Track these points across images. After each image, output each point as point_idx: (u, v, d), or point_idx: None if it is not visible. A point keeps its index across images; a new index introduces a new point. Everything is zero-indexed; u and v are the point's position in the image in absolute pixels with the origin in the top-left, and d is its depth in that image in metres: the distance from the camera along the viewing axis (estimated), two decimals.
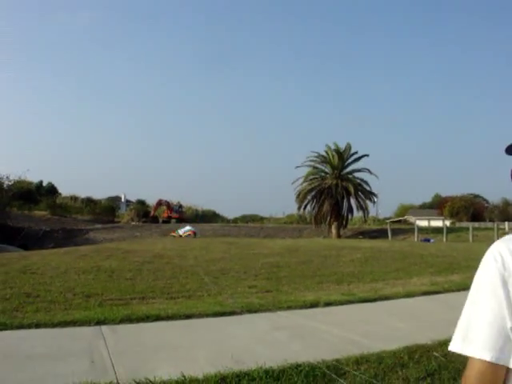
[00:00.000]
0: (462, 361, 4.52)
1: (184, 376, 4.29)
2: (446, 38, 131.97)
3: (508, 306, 1.18)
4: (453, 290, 10.21)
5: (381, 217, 70.03)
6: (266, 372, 4.46)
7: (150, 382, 4.16)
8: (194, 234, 34.65)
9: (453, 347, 1.24)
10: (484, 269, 1.25)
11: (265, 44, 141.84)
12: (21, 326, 6.31)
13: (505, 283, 1.20)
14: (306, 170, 43.49)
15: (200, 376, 4.34)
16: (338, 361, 4.86)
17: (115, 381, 4.28)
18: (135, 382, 4.15)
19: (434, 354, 5.14)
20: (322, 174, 43.21)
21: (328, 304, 8.43)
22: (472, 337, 1.21)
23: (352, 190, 40.08)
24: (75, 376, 4.35)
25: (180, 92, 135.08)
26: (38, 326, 6.39)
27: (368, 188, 42.06)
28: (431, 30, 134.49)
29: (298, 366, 4.65)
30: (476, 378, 1.19)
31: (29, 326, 6.34)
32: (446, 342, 5.67)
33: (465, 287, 10.50)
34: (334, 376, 4.44)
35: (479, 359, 1.18)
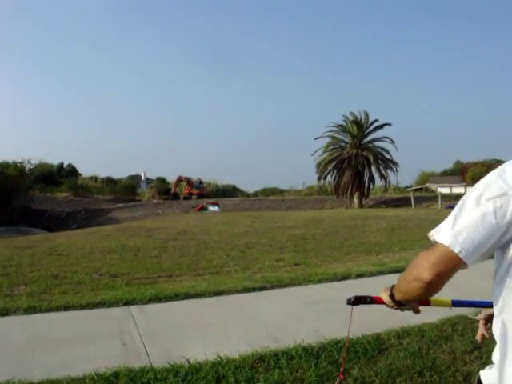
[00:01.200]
0: None
1: (220, 357, 4.12)
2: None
3: (496, 218, 1.29)
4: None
5: (401, 185, 69.25)
6: (305, 349, 4.27)
7: (186, 364, 3.99)
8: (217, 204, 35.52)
9: (433, 235, 1.39)
10: (488, 177, 1.37)
11: (283, 14, 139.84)
12: (49, 309, 6.19)
13: (502, 196, 1.30)
14: (325, 141, 43.09)
15: (236, 356, 4.16)
16: (378, 335, 4.65)
17: (149, 364, 4.13)
18: (170, 364, 3.99)
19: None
20: (342, 143, 42.72)
21: (359, 276, 8.22)
22: (456, 230, 1.32)
23: (372, 159, 39.58)
24: (107, 360, 4.20)
25: (196, 66, 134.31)
26: (66, 308, 6.27)
27: (389, 157, 41.51)
28: None
29: (337, 342, 4.45)
30: (438, 259, 1.34)
31: (57, 309, 6.22)
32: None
33: None
34: (376, 352, 4.23)
35: (451, 249, 1.32)
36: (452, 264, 1.35)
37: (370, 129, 42.05)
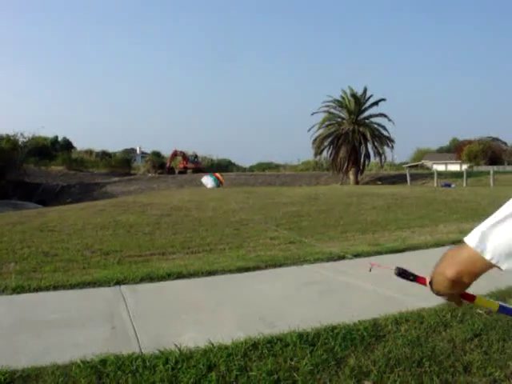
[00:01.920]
0: (509, 319, 4.07)
1: (212, 343, 3.97)
2: None
3: None
4: None
5: (397, 162, 69.27)
6: (300, 336, 4.12)
7: (176, 351, 3.85)
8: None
9: (468, 240, 1.30)
10: None
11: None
12: (38, 289, 6.03)
13: None
14: (321, 116, 42.68)
15: (229, 342, 4.02)
16: (375, 321, 4.51)
17: (138, 349, 3.98)
18: (160, 351, 3.84)
19: (478, 311, 4.76)
20: (339, 119, 42.37)
21: (356, 256, 8.07)
22: (488, 237, 1.25)
23: (369, 135, 39.31)
24: (96, 345, 4.06)
25: (195, 44, 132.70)
26: (55, 287, 6.11)
27: (385, 133, 41.23)
28: None
29: (333, 328, 4.30)
30: (462, 260, 1.32)
31: (47, 288, 6.06)
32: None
33: None
34: (373, 340, 4.10)
35: (476, 252, 1.26)
36: (476, 267, 1.32)
37: (366, 104, 41.69)
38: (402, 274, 1.76)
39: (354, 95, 41.02)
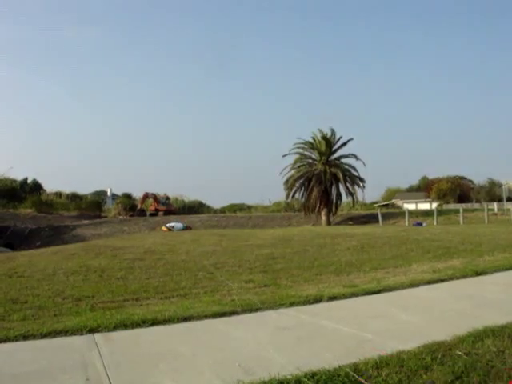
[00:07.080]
0: (488, 360, 4.05)
1: None
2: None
3: None
4: (457, 278, 9.87)
5: (367, 201, 70.09)
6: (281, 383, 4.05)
7: None
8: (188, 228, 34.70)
9: None
10: None
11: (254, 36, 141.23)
12: (7, 339, 5.83)
13: None
14: (293, 158, 43.17)
15: None
16: (356, 366, 4.46)
17: None
18: None
19: (457, 352, 4.76)
20: (310, 160, 42.85)
21: (332, 298, 8.04)
22: None
23: (341, 176, 39.79)
24: None
25: (163, 81, 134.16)
26: (25, 337, 5.90)
27: (356, 173, 41.83)
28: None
29: (313, 374, 4.24)
30: None
31: (16, 338, 5.85)
32: (466, 338, 5.31)
33: (468, 274, 10.20)
34: None
35: None
36: None
37: (337, 145, 42.34)
38: None
39: (324, 137, 41.67)
